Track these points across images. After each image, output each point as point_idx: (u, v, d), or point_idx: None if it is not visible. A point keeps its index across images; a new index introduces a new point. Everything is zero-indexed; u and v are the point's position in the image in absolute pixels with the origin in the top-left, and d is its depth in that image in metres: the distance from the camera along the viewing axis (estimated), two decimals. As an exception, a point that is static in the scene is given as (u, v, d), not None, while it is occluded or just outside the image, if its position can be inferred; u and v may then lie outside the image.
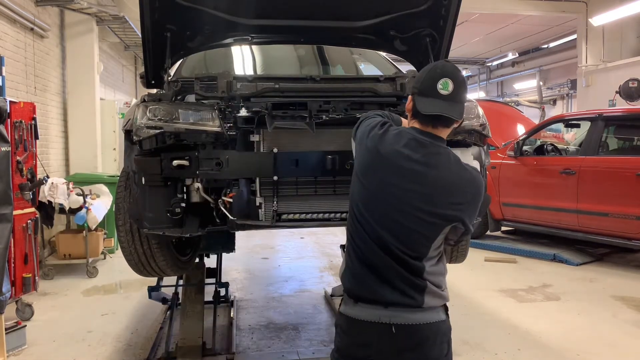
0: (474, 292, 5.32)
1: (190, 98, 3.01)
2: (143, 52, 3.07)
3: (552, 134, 8.83)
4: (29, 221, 4.75)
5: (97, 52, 8.10)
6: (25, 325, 4.00)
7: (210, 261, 4.39)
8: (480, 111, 2.97)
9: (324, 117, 2.75)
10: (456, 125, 1.89)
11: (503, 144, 7.48)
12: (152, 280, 4.29)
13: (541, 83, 16.99)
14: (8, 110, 4.07)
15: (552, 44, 16.07)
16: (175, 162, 2.63)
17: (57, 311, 4.80)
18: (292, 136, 2.79)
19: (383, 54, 4.36)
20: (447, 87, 1.80)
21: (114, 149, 8.67)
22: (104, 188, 6.50)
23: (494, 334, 4.21)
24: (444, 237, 1.87)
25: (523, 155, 7.09)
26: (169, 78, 3.08)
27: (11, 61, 5.81)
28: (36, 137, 4.94)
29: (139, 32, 7.03)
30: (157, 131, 2.58)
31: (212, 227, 2.86)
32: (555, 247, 7.04)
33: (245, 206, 2.78)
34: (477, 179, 1.87)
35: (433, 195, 1.78)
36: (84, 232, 6.01)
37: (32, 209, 4.89)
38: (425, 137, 1.83)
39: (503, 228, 7.89)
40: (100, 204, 6.19)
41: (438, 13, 3.20)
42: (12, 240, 4.15)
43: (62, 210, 5.73)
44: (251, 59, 4.24)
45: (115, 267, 6.32)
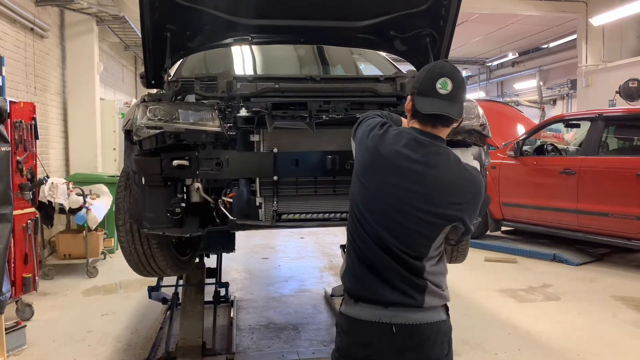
0: (474, 292, 5.32)
1: (190, 98, 3.01)
2: (143, 52, 3.07)
3: (552, 134, 8.83)
4: (29, 221, 4.75)
5: (97, 52, 8.10)
6: (25, 325, 4.00)
7: (210, 261, 4.39)
8: (480, 111, 2.97)
9: (324, 117, 2.75)
10: (455, 124, 1.90)
11: (503, 144, 7.48)
12: (152, 280, 4.29)
13: (541, 83, 16.99)
14: (8, 110, 4.08)
15: (552, 44, 16.07)
16: (175, 162, 2.63)
17: (57, 311, 4.80)
18: (292, 136, 2.79)
19: (383, 54, 4.35)
20: (446, 86, 1.80)
21: (114, 149, 8.67)
22: (104, 188, 6.50)
23: (494, 334, 4.21)
24: (445, 237, 1.87)
25: (523, 155, 7.09)
26: (169, 78, 3.08)
27: (11, 61, 5.81)
28: (36, 137, 4.94)
29: (139, 32, 7.03)
30: (157, 131, 2.58)
31: (212, 227, 2.86)
32: (555, 247, 7.03)
33: (245, 206, 2.78)
34: (477, 179, 1.87)
35: (433, 195, 1.79)
36: (84, 232, 6.01)
37: (32, 209, 4.89)
38: (425, 137, 1.84)
39: (503, 228, 7.89)
40: (100, 204, 6.20)
41: (438, 13, 3.21)
42: (12, 240, 4.15)
43: (62, 210, 5.73)
44: (251, 59, 4.24)
45: (115, 267, 6.32)
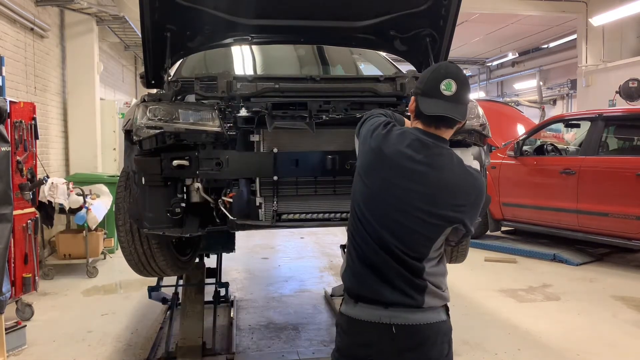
0: (474, 292, 5.32)
1: (190, 98, 3.01)
2: (143, 52, 3.08)
3: (552, 134, 8.83)
4: (29, 221, 4.75)
5: (97, 52, 8.10)
6: (25, 325, 4.00)
7: (210, 261, 4.39)
8: (481, 111, 2.97)
9: (324, 117, 2.75)
10: (459, 126, 1.90)
11: (503, 144, 7.48)
12: (152, 280, 4.29)
13: (541, 83, 16.98)
14: (8, 110, 4.07)
15: (552, 44, 16.08)
16: (175, 162, 2.64)
17: (57, 311, 4.79)
18: (292, 136, 2.79)
19: (383, 54, 4.35)
20: (450, 88, 1.80)
21: (114, 149, 8.67)
22: (104, 188, 6.50)
23: (494, 334, 4.21)
24: (445, 239, 1.87)
25: (523, 155, 7.09)
26: (169, 78, 3.08)
27: (11, 61, 5.81)
28: (36, 137, 4.94)
29: (139, 32, 7.03)
30: (157, 131, 2.58)
31: (212, 227, 2.86)
32: (555, 247, 7.03)
33: (245, 206, 2.78)
34: (479, 182, 1.87)
35: (435, 196, 1.78)
36: (84, 232, 6.01)
37: (32, 209, 4.89)
38: (428, 137, 1.83)
39: (503, 228, 7.88)
40: (100, 204, 6.20)
41: (438, 13, 3.21)
42: (12, 240, 4.15)
43: (62, 210, 5.73)
44: (251, 59, 4.24)
45: (115, 267, 6.31)
